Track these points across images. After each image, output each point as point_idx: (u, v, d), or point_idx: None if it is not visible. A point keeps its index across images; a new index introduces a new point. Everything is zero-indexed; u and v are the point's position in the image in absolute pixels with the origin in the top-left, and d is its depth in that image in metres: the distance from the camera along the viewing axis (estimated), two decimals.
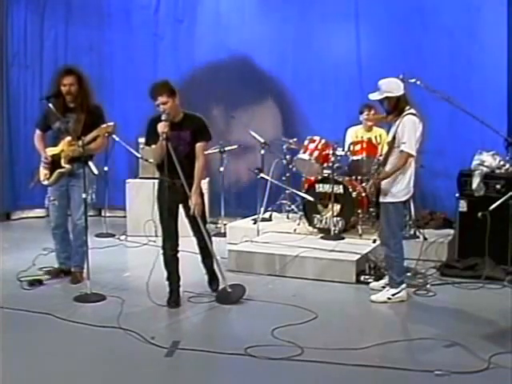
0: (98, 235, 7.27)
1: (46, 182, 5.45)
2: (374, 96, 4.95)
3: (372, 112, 6.89)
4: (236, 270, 5.88)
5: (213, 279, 5.11)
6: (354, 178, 6.86)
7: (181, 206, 4.92)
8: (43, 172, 5.42)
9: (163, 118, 4.68)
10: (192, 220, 4.92)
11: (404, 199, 5.02)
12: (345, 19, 7.75)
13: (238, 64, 8.40)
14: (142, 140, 7.12)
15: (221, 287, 5.07)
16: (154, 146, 4.78)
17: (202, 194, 4.93)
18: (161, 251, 4.93)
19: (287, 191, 7.40)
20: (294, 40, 8.04)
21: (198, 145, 4.84)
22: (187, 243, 5.06)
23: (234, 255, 6.03)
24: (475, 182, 6.02)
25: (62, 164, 5.31)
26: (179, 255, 4.96)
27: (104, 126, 5.21)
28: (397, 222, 5.02)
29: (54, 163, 5.35)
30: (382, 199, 4.96)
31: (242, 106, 8.41)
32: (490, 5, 7.03)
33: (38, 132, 5.53)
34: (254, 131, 7.53)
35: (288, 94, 8.34)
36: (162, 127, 4.66)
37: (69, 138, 5.25)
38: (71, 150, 5.25)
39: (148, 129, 4.86)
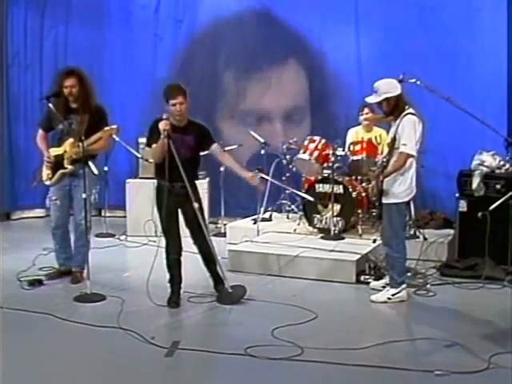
0: (98, 235, 7.26)
1: (48, 182, 5.46)
2: (372, 99, 4.93)
3: (365, 111, 6.86)
4: (236, 270, 5.87)
5: (218, 283, 5.08)
6: (353, 177, 6.86)
7: (180, 214, 4.93)
8: (46, 172, 5.43)
9: (164, 116, 4.68)
10: (192, 227, 4.92)
11: (407, 199, 5.02)
12: (345, 19, 7.74)
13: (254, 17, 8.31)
14: (142, 140, 7.12)
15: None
16: (154, 146, 4.78)
17: (199, 198, 4.93)
18: (164, 254, 4.92)
19: (287, 191, 7.40)
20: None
21: (215, 146, 4.98)
22: (186, 243, 5.04)
23: (234, 255, 6.03)
24: (475, 182, 6.02)
25: (65, 165, 5.32)
26: (182, 258, 4.96)
27: (107, 128, 5.22)
28: (399, 222, 5.01)
29: (57, 163, 5.36)
30: (384, 200, 4.95)
31: (259, 68, 8.30)
32: (490, 5, 7.03)
33: (40, 132, 5.54)
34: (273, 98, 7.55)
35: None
36: (163, 125, 4.67)
37: (72, 140, 5.25)
38: (74, 152, 5.26)
39: (151, 129, 4.86)
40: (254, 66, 8.35)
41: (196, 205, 4.79)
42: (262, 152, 7.45)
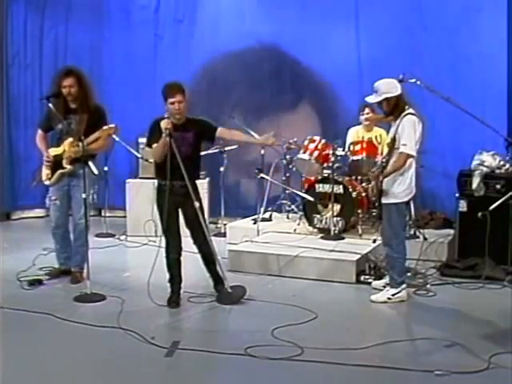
0: (97, 235, 7.27)
1: (47, 182, 5.46)
2: (372, 99, 4.93)
3: (366, 111, 6.86)
4: (236, 270, 5.87)
5: (218, 283, 5.08)
6: (353, 177, 6.86)
7: (181, 214, 4.93)
8: (45, 172, 5.43)
9: (166, 115, 4.68)
10: (193, 227, 4.92)
11: (406, 199, 5.02)
12: (345, 19, 7.74)
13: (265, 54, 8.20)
14: (142, 140, 7.13)
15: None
16: (155, 145, 4.78)
17: (199, 198, 4.94)
18: (164, 254, 4.92)
19: (287, 191, 7.40)
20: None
21: (219, 130, 4.94)
22: (186, 243, 5.04)
23: (234, 255, 6.03)
24: (475, 181, 6.01)
25: (64, 165, 5.32)
26: (182, 257, 4.96)
27: (106, 127, 5.22)
28: (399, 222, 5.01)
29: (56, 163, 5.36)
30: (384, 200, 4.95)
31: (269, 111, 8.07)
32: (490, 5, 7.03)
33: (39, 132, 5.54)
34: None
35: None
36: (165, 124, 4.67)
37: (71, 139, 5.25)
38: (73, 151, 5.26)
39: (151, 129, 4.87)
40: (261, 109, 8.10)
41: (197, 204, 4.79)
42: (262, 152, 7.45)
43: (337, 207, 6.54)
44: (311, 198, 6.63)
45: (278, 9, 8.05)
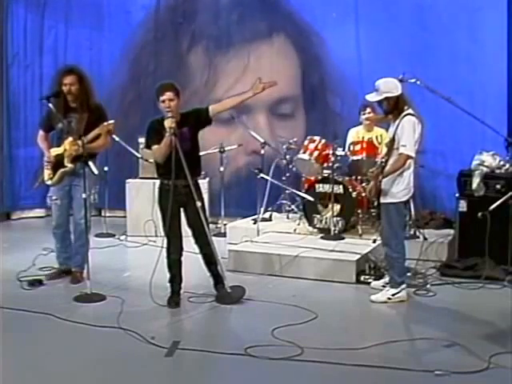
0: (98, 235, 7.26)
1: (49, 182, 5.46)
2: (373, 97, 4.94)
3: (368, 110, 6.86)
4: (236, 270, 5.87)
5: (218, 282, 5.07)
6: (353, 177, 6.86)
7: (182, 214, 4.93)
8: (47, 172, 5.43)
9: (169, 114, 4.69)
10: (194, 227, 4.92)
11: (404, 199, 5.02)
12: (345, 19, 7.74)
13: None
14: (141, 140, 7.12)
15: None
16: (156, 146, 4.78)
17: (202, 197, 4.94)
18: (165, 254, 4.92)
19: (287, 191, 7.40)
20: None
21: (211, 108, 4.87)
22: (187, 243, 5.04)
23: (234, 255, 6.03)
24: (475, 182, 6.01)
25: (65, 163, 5.32)
26: (182, 258, 4.97)
27: (105, 123, 5.22)
28: (398, 222, 5.01)
29: (58, 163, 5.35)
30: (382, 200, 4.96)
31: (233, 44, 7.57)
32: (490, 4, 7.02)
33: (41, 132, 5.54)
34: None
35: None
36: (169, 123, 4.67)
37: (71, 138, 5.25)
38: (74, 150, 5.25)
39: (149, 131, 4.88)
40: (228, 42, 7.63)
41: (199, 204, 4.79)
42: (262, 152, 7.45)
43: (337, 207, 6.53)
44: (311, 198, 6.63)
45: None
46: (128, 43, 8.66)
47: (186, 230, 4.98)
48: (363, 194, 6.59)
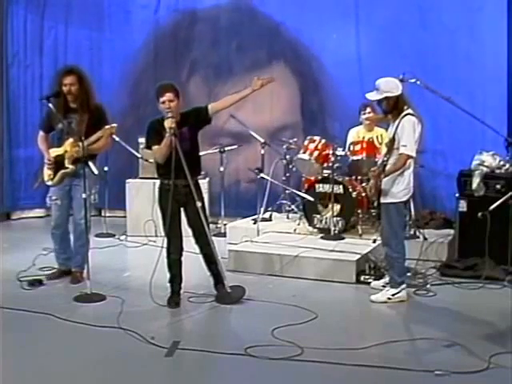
0: (98, 235, 7.26)
1: (49, 183, 5.46)
2: (373, 96, 4.94)
3: (368, 110, 6.86)
4: (236, 270, 5.88)
5: (218, 282, 5.07)
6: (353, 177, 6.86)
7: (183, 214, 4.93)
8: (47, 172, 5.43)
9: (169, 115, 4.69)
10: (194, 227, 4.92)
11: (405, 199, 5.02)
12: (345, 19, 7.74)
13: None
14: (141, 140, 7.12)
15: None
16: (156, 147, 4.78)
17: (202, 197, 4.94)
18: (165, 254, 4.92)
19: (287, 191, 7.40)
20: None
21: (210, 106, 4.88)
22: (187, 243, 5.04)
23: (234, 255, 6.03)
24: (475, 182, 6.01)
25: (66, 164, 5.32)
26: (182, 258, 4.97)
27: (108, 127, 5.23)
28: (398, 222, 5.01)
29: (58, 164, 5.35)
30: (382, 200, 4.96)
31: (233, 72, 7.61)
32: (490, 4, 7.02)
33: (41, 133, 5.54)
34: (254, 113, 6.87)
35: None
36: (169, 123, 4.67)
37: (72, 140, 5.24)
38: (75, 151, 5.25)
39: (149, 131, 4.88)
40: (228, 70, 7.74)
41: (199, 204, 4.79)
42: (262, 152, 7.44)
43: (337, 207, 6.53)
44: (311, 198, 6.63)
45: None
46: (128, 68, 8.67)
47: (186, 230, 4.98)
48: (363, 194, 6.59)
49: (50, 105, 5.21)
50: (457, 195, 6.20)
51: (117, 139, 6.55)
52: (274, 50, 7.94)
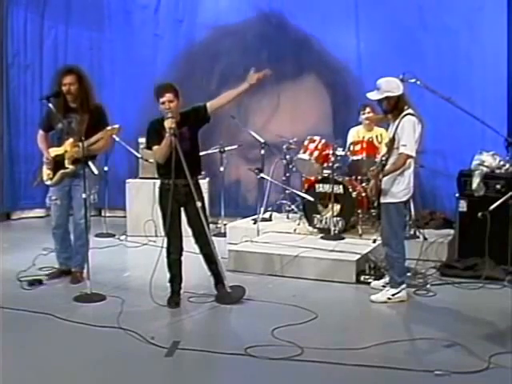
0: (98, 235, 7.26)
1: (48, 182, 5.46)
2: (374, 95, 4.94)
3: (367, 110, 6.85)
4: (236, 270, 5.88)
5: (218, 282, 5.07)
6: (353, 177, 6.86)
7: (183, 213, 4.93)
8: (46, 172, 5.43)
9: (169, 115, 4.69)
10: (194, 227, 4.92)
11: (405, 199, 5.02)
12: (344, 18, 7.74)
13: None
14: (141, 140, 7.13)
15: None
16: (157, 147, 4.78)
17: (202, 196, 4.94)
18: (165, 254, 4.92)
19: (287, 191, 7.40)
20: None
21: (209, 104, 4.86)
22: (187, 243, 5.04)
23: (234, 255, 6.03)
24: (475, 182, 6.01)
25: (66, 165, 5.32)
26: (182, 258, 4.97)
27: (109, 128, 5.22)
28: (398, 222, 5.01)
29: (58, 163, 5.35)
30: (382, 200, 4.96)
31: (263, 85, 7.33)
32: (490, 4, 7.03)
33: (40, 132, 5.54)
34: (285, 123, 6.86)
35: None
36: (169, 123, 4.67)
37: (72, 140, 5.24)
38: (75, 151, 5.25)
39: (149, 131, 4.88)
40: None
41: (199, 204, 4.79)
42: (262, 152, 7.44)
43: (337, 207, 6.54)
44: (311, 198, 6.63)
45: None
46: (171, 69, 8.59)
47: (186, 230, 4.98)
48: (363, 194, 6.60)
49: (50, 105, 5.21)
50: (457, 195, 6.20)
51: (117, 139, 6.55)
52: (305, 61, 7.94)
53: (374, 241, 6.12)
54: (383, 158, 4.90)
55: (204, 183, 7.16)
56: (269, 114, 7.84)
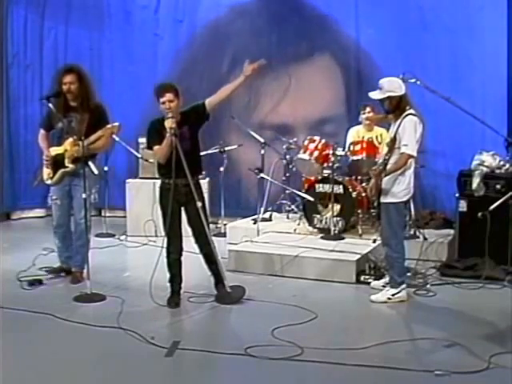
0: (98, 235, 7.25)
1: (49, 182, 5.46)
2: (376, 95, 4.94)
3: (368, 110, 6.85)
4: (236, 270, 5.87)
5: (218, 282, 5.07)
6: (353, 177, 6.86)
7: (183, 213, 4.93)
8: (46, 171, 5.43)
9: (169, 115, 4.69)
10: (194, 227, 4.92)
11: (405, 199, 5.02)
12: (344, 19, 7.73)
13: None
14: (141, 140, 7.13)
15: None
16: (157, 147, 4.78)
17: (203, 196, 4.94)
18: (165, 254, 4.92)
19: (287, 191, 7.40)
20: None
21: (207, 101, 4.84)
22: (187, 243, 5.04)
23: (234, 255, 6.03)
24: (475, 182, 6.01)
25: (66, 164, 5.32)
26: (182, 258, 4.97)
27: (109, 126, 5.22)
28: (398, 222, 5.01)
29: (58, 163, 5.35)
30: (382, 199, 4.96)
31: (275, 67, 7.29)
32: (490, 4, 7.03)
33: (41, 131, 5.54)
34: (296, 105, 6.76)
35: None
36: (169, 123, 4.67)
37: (72, 139, 5.24)
38: (75, 151, 5.25)
39: (149, 131, 4.88)
40: (268, 62, 7.87)
41: (199, 204, 4.79)
42: (262, 152, 7.44)
43: (337, 207, 6.54)
44: (311, 198, 6.63)
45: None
46: (172, 67, 8.57)
47: (186, 230, 4.98)
48: (363, 194, 6.59)
49: (50, 105, 5.21)
50: (457, 195, 6.20)
51: (117, 139, 6.55)
52: (317, 41, 7.79)
53: (374, 241, 6.12)
54: (386, 158, 4.90)
55: (204, 183, 7.18)
56: (280, 95, 7.66)
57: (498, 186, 5.92)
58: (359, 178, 6.85)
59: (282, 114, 7.77)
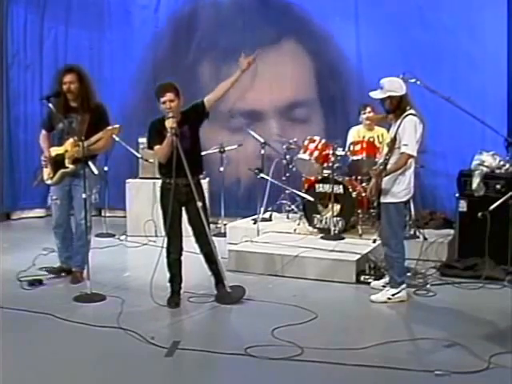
0: (98, 235, 7.25)
1: (49, 182, 5.46)
2: (377, 94, 4.94)
3: (368, 110, 6.85)
4: (236, 270, 5.87)
5: (218, 282, 5.07)
6: (353, 177, 6.86)
7: (184, 213, 4.93)
8: (46, 171, 5.43)
9: (170, 115, 4.69)
10: (195, 226, 4.92)
11: (405, 199, 5.02)
12: (344, 18, 7.73)
13: None
14: (141, 140, 7.13)
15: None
16: (158, 147, 4.78)
17: (203, 196, 4.94)
18: (165, 254, 4.92)
19: (287, 191, 7.40)
20: None
21: (206, 99, 4.86)
22: (187, 243, 5.04)
23: (234, 255, 6.03)
24: (475, 182, 6.01)
25: (66, 164, 5.32)
26: (182, 257, 4.97)
27: (110, 127, 5.22)
28: (398, 221, 5.01)
29: (58, 163, 5.36)
30: (382, 199, 4.96)
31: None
32: (490, 5, 7.03)
33: (43, 132, 5.55)
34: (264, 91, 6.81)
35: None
36: (170, 123, 4.67)
37: (72, 139, 5.24)
38: (75, 151, 5.25)
39: (150, 131, 4.88)
40: (234, 50, 7.58)
41: (199, 204, 4.79)
42: (262, 152, 7.44)
43: (337, 207, 6.54)
44: (311, 198, 6.63)
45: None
46: (139, 64, 8.63)
47: (186, 230, 4.98)
48: (363, 194, 6.59)
49: (50, 105, 5.20)
50: (457, 195, 6.20)
51: (117, 139, 6.55)
52: (284, 27, 7.84)
53: (374, 241, 6.12)
54: (386, 157, 4.90)
55: (204, 183, 7.17)
56: (247, 82, 7.51)
57: (498, 186, 5.92)
58: (359, 178, 6.85)
59: (251, 101, 7.77)
